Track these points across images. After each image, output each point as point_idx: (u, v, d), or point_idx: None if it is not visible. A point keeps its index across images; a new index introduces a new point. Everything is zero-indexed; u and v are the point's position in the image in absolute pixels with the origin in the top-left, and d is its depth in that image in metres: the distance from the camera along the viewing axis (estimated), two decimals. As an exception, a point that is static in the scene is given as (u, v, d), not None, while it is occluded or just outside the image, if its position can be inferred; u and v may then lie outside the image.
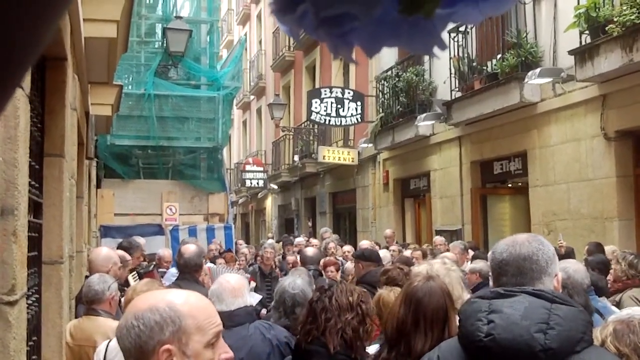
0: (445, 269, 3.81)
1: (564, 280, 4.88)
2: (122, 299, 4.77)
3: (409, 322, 3.02)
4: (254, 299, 5.85)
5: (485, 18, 0.56)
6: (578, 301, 3.91)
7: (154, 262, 9.16)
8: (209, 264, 8.62)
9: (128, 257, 6.79)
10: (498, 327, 2.14)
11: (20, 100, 1.95)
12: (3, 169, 1.81)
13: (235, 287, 4.10)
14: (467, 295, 3.66)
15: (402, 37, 0.55)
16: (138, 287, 4.13)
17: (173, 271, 8.07)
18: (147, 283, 4.48)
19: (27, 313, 3.16)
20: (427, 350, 2.84)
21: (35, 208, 3.58)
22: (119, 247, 7.37)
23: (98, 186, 14.38)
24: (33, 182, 3.36)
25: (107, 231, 12.76)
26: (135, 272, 7.36)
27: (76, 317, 4.92)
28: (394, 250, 10.92)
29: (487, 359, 2.19)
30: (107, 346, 3.71)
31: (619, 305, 5.56)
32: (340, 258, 10.13)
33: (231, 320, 3.94)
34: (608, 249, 7.88)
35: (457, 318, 2.42)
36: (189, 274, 5.97)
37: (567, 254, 7.90)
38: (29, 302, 3.28)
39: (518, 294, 2.22)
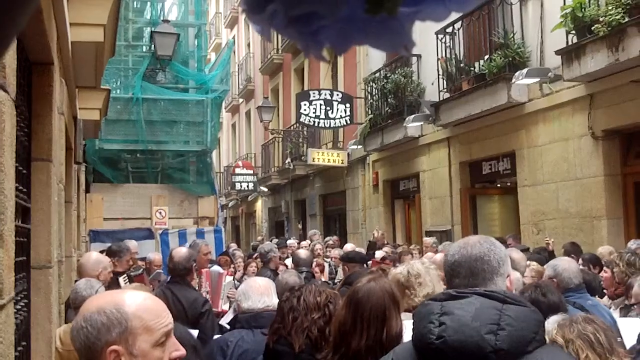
0: (425, 268, 3.85)
1: (548, 277, 4.92)
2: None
3: (348, 323, 3.02)
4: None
5: (449, 15, 0.57)
6: (551, 299, 3.94)
7: (143, 267, 9.13)
8: (214, 268, 8.60)
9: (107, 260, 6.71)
10: (449, 329, 2.14)
11: (6, 104, 1.95)
12: (-11, 173, 1.81)
13: (262, 286, 4.25)
14: None
15: (371, 35, 0.55)
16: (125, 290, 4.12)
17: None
18: (135, 287, 4.48)
19: (16, 318, 3.15)
20: (362, 348, 2.86)
21: (24, 213, 3.57)
22: (108, 250, 7.33)
23: (87, 191, 14.32)
24: (21, 187, 3.35)
25: (96, 236, 12.70)
26: (125, 275, 7.33)
27: (66, 322, 4.90)
28: (386, 252, 10.96)
29: None
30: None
31: (627, 308, 5.52)
32: (329, 260, 10.16)
33: (256, 321, 4.00)
34: (604, 249, 7.88)
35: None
36: (179, 277, 5.96)
37: (574, 253, 7.93)
38: (18, 307, 3.27)
39: (469, 295, 2.22)
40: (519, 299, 2.30)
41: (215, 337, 5.33)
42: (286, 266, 9.28)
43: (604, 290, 6.05)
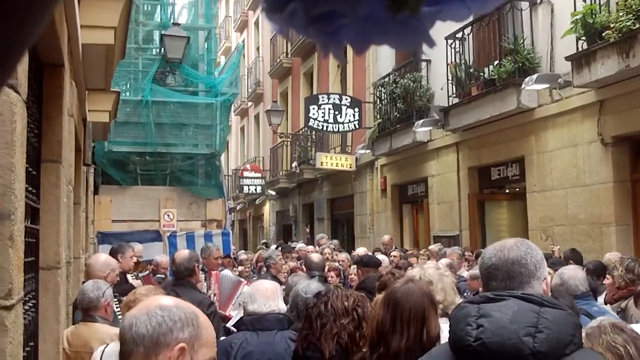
0: (439, 274, 3.80)
1: (556, 285, 4.91)
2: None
3: (387, 323, 3.01)
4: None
5: (470, 15, 0.57)
6: (563, 303, 3.93)
7: (149, 270, 9.16)
8: (225, 272, 8.61)
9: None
10: (487, 331, 2.15)
11: (17, 106, 1.96)
12: (0, 173, 1.81)
13: (269, 289, 4.25)
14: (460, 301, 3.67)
15: (391, 34, 0.55)
16: (138, 291, 4.14)
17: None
18: (149, 288, 4.49)
19: (24, 318, 3.16)
20: (402, 349, 2.85)
21: (33, 214, 3.59)
22: (111, 250, 7.39)
23: (96, 193, 14.36)
24: (30, 188, 3.37)
25: (104, 238, 12.70)
26: (133, 274, 7.38)
27: (73, 324, 4.92)
28: (395, 256, 10.96)
29: None
30: (103, 352, 3.72)
31: (624, 312, 5.53)
32: (336, 264, 10.15)
33: (261, 324, 4.01)
34: (612, 255, 7.84)
35: (448, 323, 2.43)
36: (184, 279, 5.98)
37: (574, 259, 7.90)
38: (26, 307, 3.28)
39: (507, 298, 2.23)
40: (556, 302, 2.31)
41: (221, 339, 5.34)
42: (291, 271, 9.28)
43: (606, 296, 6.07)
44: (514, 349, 2.10)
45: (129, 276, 6.96)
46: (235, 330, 6.08)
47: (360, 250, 11.03)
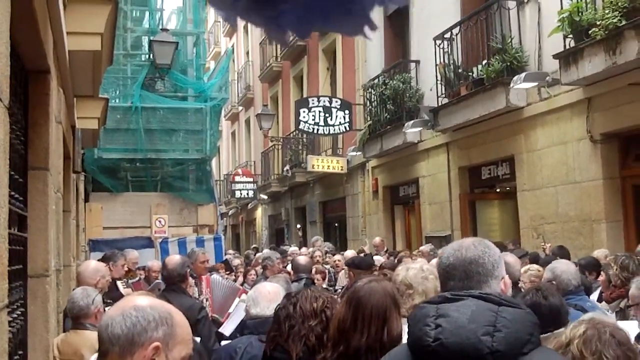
0: (421, 278, 3.76)
1: (547, 279, 4.91)
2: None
3: (348, 321, 3.01)
4: None
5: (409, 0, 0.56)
6: (552, 302, 3.93)
7: (141, 275, 9.14)
8: (215, 276, 8.62)
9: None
10: (445, 331, 2.15)
11: (-2, 112, 1.95)
12: (-19, 180, 1.80)
13: (271, 292, 4.25)
14: None
15: (333, 19, 0.55)
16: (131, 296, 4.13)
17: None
18: (140, 295, 4.48)
19: (12, 327, 3.14)
20: (363, 346, 2.85)
21: (20, 221, 3.56)
22: (102, 258, 7.37)
23: (86, 200, 14.32)
24: (17, 196, 3.35)
25: (96, 245, 12.68)
26: (124, 280, 7.36)
27: (64, 331, 4.90)
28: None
29: None
30: None
31: (623, 311, 5.52)
32: (328, 266, 10.16)
33: (264, 327, 3.99)
34: (600, 252, 7.88)
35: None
36: (175, 284, 5.97)
37: (561, 256, 7.92)
38: (14, 315, 3.26)
39: (465, 297, 2.23)
40: (513, 301, 2.31)
41: (223, 343, 5.33)
42: (289, 274, 9.28)
43: (603, 294, 6.05)
44: (472, 349, 2.10)
45: (119, 283, 6.94)
46: (227, 334, 6.07)
47: (349, 253, 11.03)
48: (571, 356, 2.77)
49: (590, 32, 8.32)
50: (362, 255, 10.55)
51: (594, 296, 6.21)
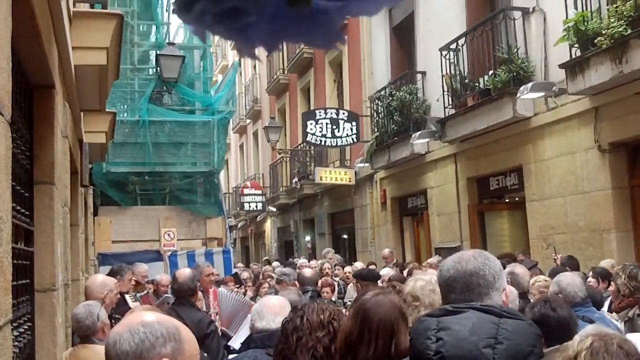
0: (429, 291, 3.74)
1: (553, 292, 4.88)
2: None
3: (355, 334, 2.98)
4: None
5: (381, 8, 0.56)
6: (560, 313, 3.90)
7: (149, 289, 9.13)
8: (221, 288, 8.62)
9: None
10: (447, 344, 2.13)
11: (0, 126, 1.95)
12: (-17, 195, 1.81)
13: (276, 305, 4.22)
14: None
15: (302, 32, 0.55)
16: (137, 311, 4.12)
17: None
18: (146, 309, 4.48)
19: (19, 341, 3.14)
20: (369, 359, 2.82)
21: (26, 236, 3.57)
22: (109, 272, 7.37)
23: (95, 214, 14.34)
24: (23, 210, 3.36)
25: (105, 259, 12.68)
26: (132, 294, 7.36)
27: (73, 346, 4.89)
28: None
29: None
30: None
31: (632, 321, 5.49)
32: (337, 279, 10.13)
33: (270, 341, 3.99)
34: (606, 262, 7.86)
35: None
36: (184, 298, 5.96)
37: (571, 266, 7.89)
38: (21, 330, 3.26)
39: (466, 310, 2.21)
40: (515, 312, 2.29)
41: (230, 357, 5.32)
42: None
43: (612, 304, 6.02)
44: None
45: (127, 297, 6.94)
46: (236, 348, 6.06)
47: (358, 265, 11.00)
48: None
49: (596, 41, 8.30)
50: (371, 267, 10.54)
51: (606, 307, 6.18)
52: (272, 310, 4.19)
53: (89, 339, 4.53)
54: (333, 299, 8.34)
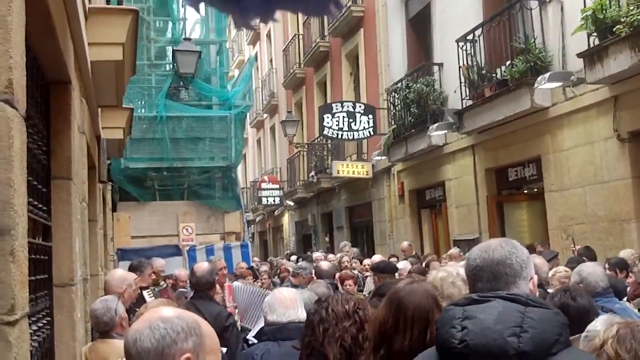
0: (450, 282, 3.71)
1: (574, 283, 4.85)
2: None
3: (389, 323, 2.94)
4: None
5: None
6: (580, 303, 3.87)
7: (167, 283, 9.18)
8: (235, 283, 8.67)
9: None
10: (471, 332, 2.12)
11: (14, 121, 1.96)
12: (-2, 189, 1.82)
13: (288, 299, 4.23)
14: None
15: (296, 0, 0.54)
16: (150, 305, 4.14)
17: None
18: (160, 302, 4.50)
19: (38, 336, 3.16)
20: (405, 349, 2.79)
21: (45, 231, 3.59)
22: (129, 267, 7.40)
23: (114, 210, 14.44)
24: (40, 205, 3.37)
25: (124, 254, 12.79)
26: (150, 290, 7.38)
27: (92, 341, 4.93)
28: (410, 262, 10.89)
29: None
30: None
31: None
32: (356, 272, 10.12)
33: (281, 333, 4.01)
34: (626, 252, 7.81)
35: None
36: (203, 292, 5.98)
37: (588, 257, 7.83)
38: (40, 324, 3.28)
39: (492, 299, 2.21)
40: (541, 301, 2.28)
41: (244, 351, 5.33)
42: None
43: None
44: (498, 350, 2.08)
45: (145, 293, 6.96)
46: (255, 341, 6.07)
47: (376, 258, 10.99)
48: (606, 357, 2.72)
49: (614, 29, 8.22)
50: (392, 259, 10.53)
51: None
52: (284, 303, 4.19)
53: (108, 334, 4.56)
54: (355, 291, 8.33)
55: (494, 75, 11.53)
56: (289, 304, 4.19)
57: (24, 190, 2.13)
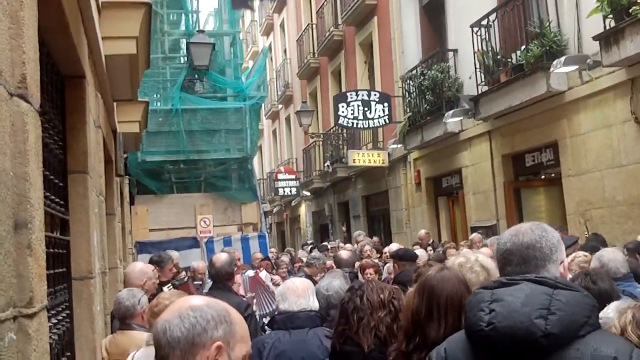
0: (468, 268, 3.69)
1: (595, 268, 4.82)
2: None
3: (422, 312, 2.94)
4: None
5: None
6: (602, 286, 3.85)
7: (187, 275, 9.20)
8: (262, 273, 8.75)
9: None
10: (499, 315, 2.14)
11: (29, 115, 1.97)
12: (14, 183, 1.82)
13: (300, 288, 4.25)
14: None
15: None
16: (161, 296, 4.17)
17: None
18: (172, 293, 4.54)
19: (58, 329, 3.19)
20: (441, 338, 2.78)
21: (62, 225, 3.62)
22: (149, 262, 7.42)
23: (132, 203, 14.52)
24: (57, 199, 3.40)
25: (142, 247, 12.86)
26: (170, 284, 7.41)
27: (112, 333, 4.97)
28: (430, 250, 10.88)
29: (490, 348, 2.18)
30: (133, 357, 3.75)
31: None
32: (376, 260, 10.11)
33: (292, 322, 4.02)
34: None
35: None
36: (222, 282, 6.00)
37: (599, 242, 7.79)
38: (60, 317, 3.32)
39: (520, 282, 2.21)
40: (570, 284, 2.28)
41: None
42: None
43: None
44: (525, 332, 2.08)
45: (165, 289, 7.00)
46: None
47: (394, 246, 10.97)
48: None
49: (631, 10, 8.11)
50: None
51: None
52: (295, 292, 4.20)
53: (127, 324, 4.59)
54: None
55: (509, 60, 11.44)
56: (301, 293, 4.20)
57: (40, 184, 2.14)
